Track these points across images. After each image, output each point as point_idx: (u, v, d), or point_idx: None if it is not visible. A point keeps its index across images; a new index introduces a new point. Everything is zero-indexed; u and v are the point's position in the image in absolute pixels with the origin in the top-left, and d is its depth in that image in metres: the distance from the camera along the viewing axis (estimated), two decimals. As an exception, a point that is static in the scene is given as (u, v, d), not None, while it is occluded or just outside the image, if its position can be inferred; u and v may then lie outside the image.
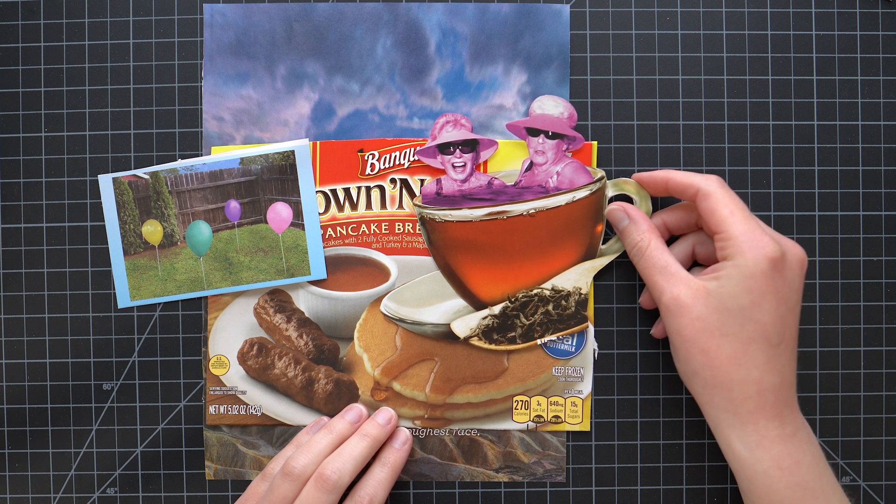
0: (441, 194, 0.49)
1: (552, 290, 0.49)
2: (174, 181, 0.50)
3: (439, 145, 0.49)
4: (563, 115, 0.49)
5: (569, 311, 0.50)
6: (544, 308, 0.49)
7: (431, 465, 0.50)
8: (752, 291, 0.40)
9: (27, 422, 0.51)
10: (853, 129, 0.50)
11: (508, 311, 0.50)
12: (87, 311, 0.50)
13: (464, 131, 0.49)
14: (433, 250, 0.50)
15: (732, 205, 0.42)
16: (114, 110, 0.50)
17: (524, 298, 0.49)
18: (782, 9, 0.50)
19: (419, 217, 0.49)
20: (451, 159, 0.49)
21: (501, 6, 0.50)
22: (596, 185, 0.48)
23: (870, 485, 0.50)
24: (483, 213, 0.48)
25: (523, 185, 0.49)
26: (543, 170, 0.49)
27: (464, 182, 0.49)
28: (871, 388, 0.50)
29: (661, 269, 0.43)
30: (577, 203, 0.48)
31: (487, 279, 0.49)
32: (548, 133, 0.49)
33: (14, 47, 0.50)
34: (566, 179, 0.48)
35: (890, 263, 0.50)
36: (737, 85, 0.50)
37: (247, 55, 0.50)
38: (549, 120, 0.49)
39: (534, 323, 0.50)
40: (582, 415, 0.50)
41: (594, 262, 0.50)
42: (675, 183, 0.45)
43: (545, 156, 0.49)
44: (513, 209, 0.48)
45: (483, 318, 0.50)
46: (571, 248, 0.49)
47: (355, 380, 0.50)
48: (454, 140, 0.49)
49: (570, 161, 0.49)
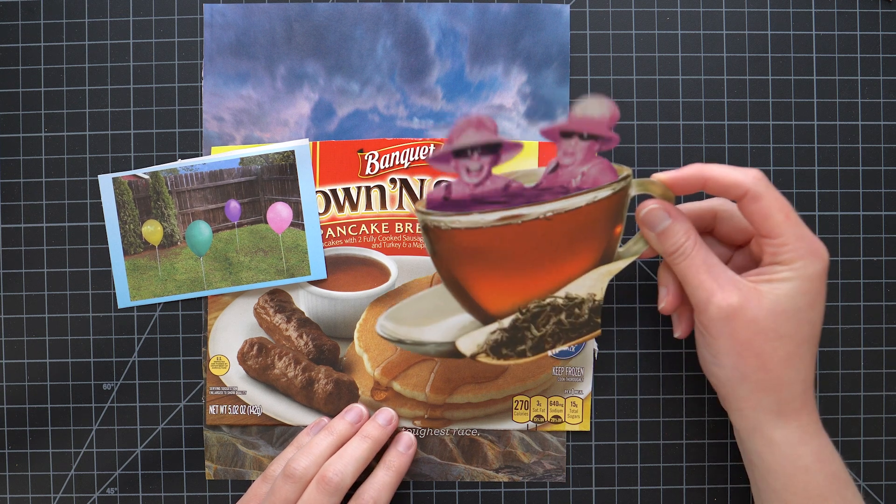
0: (449, 199, 0.43)
1: (566, 298, 0.45)
2: (174, 181, 0.50)
3: (455, 150, 0.42)
4: (605, 115, 0.42)
5: (581, 318, 0.46)
6: (557, 318, 0.45)
7: (431, 465, 0.50)
8: (809, 293, 0.40)
9: (27, 422, 0.51)
10: (853, 129, 0.50)
11: (519, 324, 0.45)
12: (87, 311, 0.50)
13: (488, 134, 0.42)
14: (437, 262, 0.46)
15: (786, 208, 0.41)
16: (114, 110, 0.51)
17: (536, 309, 0.45)
18: (782, 9, 0.50)
19: (422, 225, 0.44)
20: (468, 163, 0.42)
21: (501, 6, 0.50)
22: (619, 185, 0.43)
23: (870, 485, 0.50)
24: (496, 218, 0.42)
25: (544, 187, 0.43)
26: (569, 171, 0.43)
27: (477, 186, 0.43)
28: (871, 388, 0.50)
29: (709, 270, 0.41)
30: (597, 203, 0.43)
31: (498, 291, 0.45)
32: (583, 134, 0.43)
33: (14, 47, 0.50)
34: (590, 179, 0.43)
35: (890, 263, 0.50)
36: (737, 85, 0.50)
37: (247, 55, 0.50)
38: (590, 122, 0.43)
39: (545, 334, 0.46)
40: (582, 415, 0.50)
41: (611, 266, 0.45)
42: (717, 182, 0.41)
43: (574, 157, 0.43)
44: (529, 212, 0.42)
45: (492, 333, 0.46)
46: (588, 253, 0.45)
47: (355, 380, 0.50)
48: (476, 143, 0.42)
49: (598, 161, 0.43)
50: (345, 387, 0.50)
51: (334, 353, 0.50)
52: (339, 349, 0.50)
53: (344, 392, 0.50)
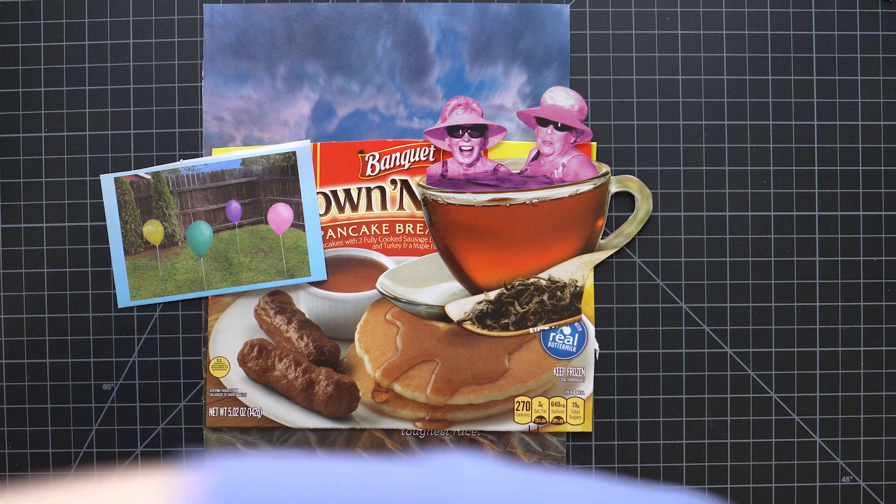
0: (446, 176, 0.49)
1: (548, 280, 0.50)
2: (176, 181, 0.50)
3: (448, 127, 0.49)
4: (574, 107, 0.49)
5: (563, 302, 0.50)
6: (539, 297, 0.50)
7: (432, 465, 0.50)
8: None
9: (27, 422, 0.51)
10: (853, 129, 0.50)
11: (504, 298, 0.50)
12: (87, 311, 0.50)
13: (474, 115, 0.49)
14: (433, 231, 0.50)
15: None
16: (114, 110, 0.50)
17: (520, 286, 0.50)
18: (782, 9, 0.50)
19: (421, 198, 0.50)
20: (459, 142, 0.49)
21: (501, 6, 0.50)
22: (600, 180, 0.49)
23: (870, 485, 0.50)
24: (486, 199, 0.48)
25: (528, 174, 0.49)
26: (550, 160, 0.49)
27: (469, 166, 0.49)
28: (871, 388, 0.50)
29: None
30: (580, 196, 0.48)
31: (485, 264, 0.50)
32: (557, 124, 0.49)
33: (14, 47, 0.50)
34: (571, 172, 0.49)
35: (890, 263, 0.50)
36: (737, 85, 0.50)
37: (247, 55, 0.50)
38: (560, 111, 0.49)
39: (528, 311, 0.50)
40: (583, 415, 0.50)
41: (592, 255, 0.50)
42: None
43: (553, 147, 0.49)
44: (516, 197, 0.48)
45: (478, 303, 0.50)
46: (571, 240, 0.50)
47: (356, 381, 0.50)
48: (464, 123, 0.49)
49: (577, 154, 0.49)
50: (345, 388, 0.50)
51: (335, 354, 0.50)
52: (340, 350, 0.50)
53: (345, 394, 0.50)
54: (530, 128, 0.50)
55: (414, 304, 0.50)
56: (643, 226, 0.50)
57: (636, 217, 0.50)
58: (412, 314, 0.50)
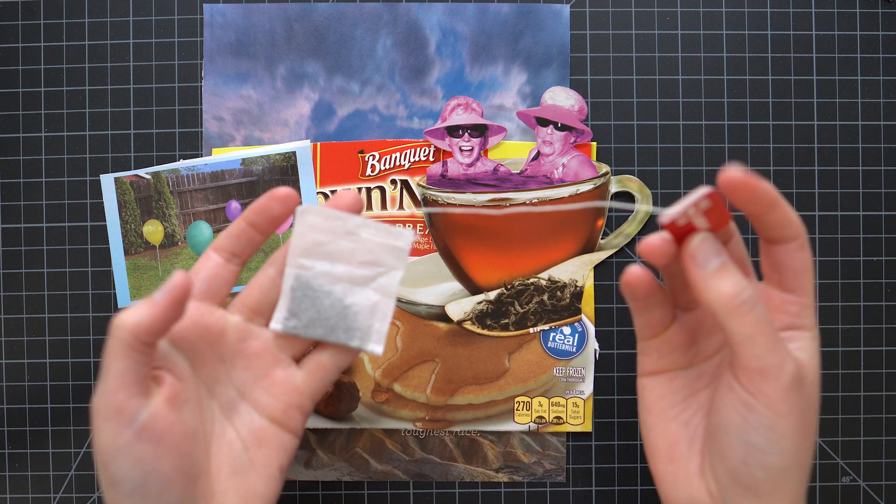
0: (446, 176, 0.49)
1: (548, 280, 0.50)
2: (176, 181, 0.50)
3: (448, 127, 0.49)
4: (574, 107, 0.49)
5: (563, 302, 0.50)
6: (539, 298, 0.50)
7: (431, 465, 0.50)
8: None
9: (27, 422, 0.51)
10: (853, 129, 0.50)
11: (503, 298, 0.50)
12: (87, 311, 0.50)
13: (474, 115, 0.49)
14: (433, 231, 0.50)
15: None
16: (114, 110, 0.50)
17: (520, 286, 0.50)
18: (782, 9, 0.50)
19: (421, 197, 0.50)
20: (459, 142, 0.49)
21: (501, 6, 0.50)
22: (600, 180, 0.49)
23: (870, 485, 0.50)
24: (486, 199, 0.48)
25: (528, 174, 0.49)
26: (550, 160, 0.49)
27: (469, 166, 0.49)
28: (871, 388, 0.50)
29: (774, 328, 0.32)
30: (580, 196, 0.49)
31: (485, 264, 0.50)
32: (557, 124, 0.49)
33: (14, 47, 0.50)
34: (571, 172, 0.49)
35: (890, 263, 0.50)
36: (737, 85, 0.50)
37: (247, 55, 0.50)
38: (560, 111, 0.49)
39: (528, 311, 0.50)
40: (583, 415, 0.50)
41: (592, 255, 0.50)
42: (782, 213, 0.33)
43: (552, 147, 0.49)
44: (516, 197, 0.48)
45: (478, 303, 0.50)
46: (571, 241, 0.50)
47: (356, 381, 0.50)
48: (464, 123, 0.49)
49: (577, 154, 0.49)
50: (345, 388, 0.50)
51: (335, 353, 0.50)
52: (340, 349, 0.50)
53: (345, 394, 0.50)
54: (530, 128, 0.50)
55: (414, 304, 0.50)
56: (643, 226, 0.50)
57: (636, 217, 0.50)
58: (412, 314, 0.50)
